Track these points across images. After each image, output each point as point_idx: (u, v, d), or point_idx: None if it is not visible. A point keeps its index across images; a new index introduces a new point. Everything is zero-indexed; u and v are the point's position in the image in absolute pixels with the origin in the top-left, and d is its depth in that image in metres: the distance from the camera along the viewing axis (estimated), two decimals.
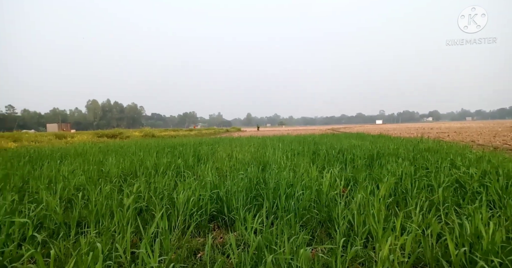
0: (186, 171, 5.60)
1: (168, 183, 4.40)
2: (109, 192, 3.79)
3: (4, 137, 15.02)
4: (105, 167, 5.73)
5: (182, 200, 3.28)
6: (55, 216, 3.10)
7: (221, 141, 14.74)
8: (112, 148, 10.15)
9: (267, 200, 3.48)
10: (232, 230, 3.18)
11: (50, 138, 16.40)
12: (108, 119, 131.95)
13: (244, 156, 7.40)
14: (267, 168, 5.57)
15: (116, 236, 2.54)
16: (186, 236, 2.72)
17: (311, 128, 59.32)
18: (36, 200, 3.62)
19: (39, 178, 4.62)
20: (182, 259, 2.43)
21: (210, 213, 3.37)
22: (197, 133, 32.73)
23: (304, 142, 11.87)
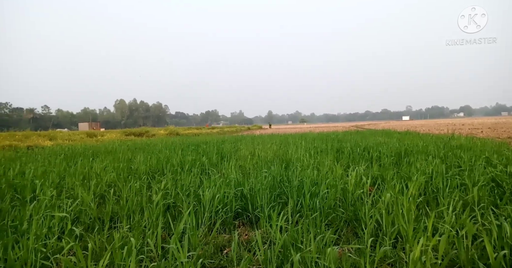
0: (210, 168, 5.70)
1: (194, 180, 4.50)
2: (139, 188, 3.94)
3: (41, 136, 16.06)
4: (134, 165, 5.96)
5: (208, 197, 3.35)
6: (90, 211, 3.28)
7: (243, 138, 14.84)
8: (140, 146, 10.53)
9: (291, 198, 3.47)
10: (257, 228, 3.21)
11: (82, 136, 17.33)
12: (135, 118, 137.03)
13: (267, 154, 7.41)
14: (290, 166, 5.55)
15: (146, 231, 2.65)
16: (213, 233, 2.78)
17: (333, 126, 58.20)
18: (72, 196, 3.85)
19: (74, 174, 4.89)
20: (209, 255, 2.49)
21: (235, 210, 3.41)
22: (219, 131, 33.15)
23: (327, 139, 11.68)
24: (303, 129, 36.10)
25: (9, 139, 14.24)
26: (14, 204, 3.50)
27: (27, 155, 7.97)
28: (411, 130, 18.87)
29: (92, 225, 3.09)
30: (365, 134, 14.73)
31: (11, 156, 7.96)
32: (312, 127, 43.82)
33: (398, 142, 8.62)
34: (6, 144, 11.03)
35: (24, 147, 10.52)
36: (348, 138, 11.95)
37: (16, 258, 2.04)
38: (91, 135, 18.74)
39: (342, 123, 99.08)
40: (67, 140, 15.17)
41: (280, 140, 12.08)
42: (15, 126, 79.61)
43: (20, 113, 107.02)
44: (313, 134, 17.16)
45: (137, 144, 11.77)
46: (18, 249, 2.13)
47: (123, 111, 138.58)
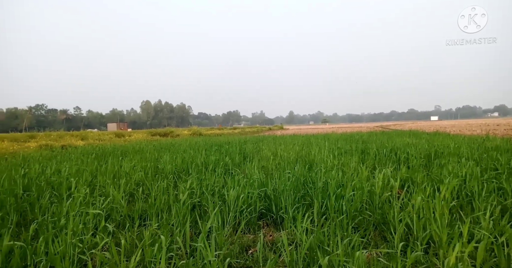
0: (233, 168, 5.76)
1: (218, 180, 4.57)
2: (166, 187, 4.06)
3: (73, 136, 16.99)
4: (161, 164, 6.14)
5: (232, 197, 3.39)
6: (121, 209, 3.42)
7: (265, 139, 14.85)
8: (165, 146, 10.84)
9: (316, 200, 3.44)
10: (281, 229, 3.21)
11: (111, 136, 18.12)
12: (160, 118, 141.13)
13: (289, 154, 7.37)
14: (314, 167, 5.49)
15: (174, 229, 2.72)
16: (238, 233, 2.80)
17: (357, 126, 56.80)
18: (104, 194, 4.03)
19: (105, 173, 5.12)
20: (234, 254, 2.52)
21: (259, 211, 3.42)
22: (240, 131, 33.39)
23: (351, 140, 11.43)
24: (325, 129, 35.54)
25: (45, 138, 15.17)
26: (52, 200, 3.73)
27: (61, 154, 8.44)
28: (440, 131, 18.03)
29: (123, 222, 3.23)
30: (391, 135, 14.25)
31: (48, 154, 8.47)
32: (334, 128, 43.01)
33: (427, 143, 8.27)
34: (43, 143, 11.76)
35: (59, 146, 11.17)
36: (373, 138, 11.62)
37: (56, 252, 2.17)
38: (119, 135, 19.54)
39: (366, 124, 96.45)
40: (97, 139, 15.93)
41: (302, 141, 11.97)
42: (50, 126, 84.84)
43: (54, 114, 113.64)
44: (336, 134, 16.85)
45: (163, 144, 12.12)
46: (58, 243, 2.26)
47: (148, 112, 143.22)
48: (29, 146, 11.27)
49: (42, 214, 3.32)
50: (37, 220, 3.09)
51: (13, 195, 3.73)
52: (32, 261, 2.22)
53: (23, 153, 9.13)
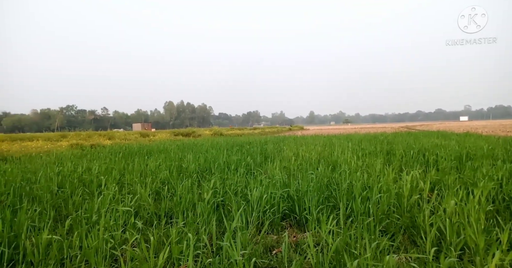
0: (256, 168, 5.77)
1: (240, 179, 4.60)
2: (190, 186, 4.14)
3: (101, 135, 17.75)
4: (184, 163, 6.27)
5: (255, 197, 3.40)
6: (148, 207, 3.53)
7: (286, 139, 14.77)
8: (188, 146, 11.06)
9: (340, 202, 3.37)
10: (305, 230, 3.18)
11: (136, 136, 18.77)
12: (182, 119, 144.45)
13: (311, 155, 7.28)
14: (337, 168, 5.39)
15: (200, 227, 2.77)
16: (262, 233, 2.81)
17: (381, 126, 55.15)
18: (132, 191, 4.18)
19: (132, 172, 5.31)
20: (259, 254, 2.52)
21: (282, 211, 3.41)
22: (260, 131, 33.42)
23: (375, 141, 11.12)
24: (347, 130, 34.81)
25: (76, 138, 15.95)
26: (84, 197, 3.91)
27: (91, 153, 8.84)
28: (471, 132, 17.12)
29: (150, 219, 3.32)
30: (417, 135, 13.72)
31: (78, 153, 8.90)
32: (357, 128, 42.04)
33: (457, 145, 7.88)
34: (73, 143, 12.38)
35: (88, 145, 11.71)
36: (399, 139, 11.24)
37: (91, 247, 2.28)
38: (144, 134, 20.18)
39: (390, 124, 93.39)
40: (123, 139, 16.55)
41: (324, 141, 11.79)
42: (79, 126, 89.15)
43: (83, 115, 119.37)
44: (359, 135, 16.47)
45: (186, 143, 12.38)
46: (91, 239, 2.36)
47: (171, 113, 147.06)
48: (61, 145, 11.90)
49: (75, 210, 3.49)
50: (71, 215, 3.25)
51: (49, 191, 3.96)
52: (68, 254, 2.33)
53: (56, 151, 9.66)
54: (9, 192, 3.83)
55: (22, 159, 7.53)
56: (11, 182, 4.27)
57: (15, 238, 2.51)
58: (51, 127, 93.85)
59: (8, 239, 2.41)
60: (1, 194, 3.81)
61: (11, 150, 9.41)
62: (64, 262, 2.29)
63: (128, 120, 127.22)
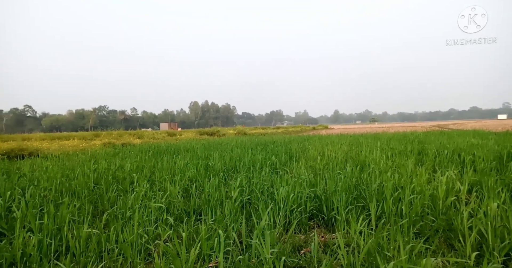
0: (282, 167, 5.76)
1: (266, 178, 4.61)
2: (218, 184, 4.21)
3: (131, 134, 18.54)
4: (211, 162, 6.39)
5: (282, 196, 3.39)
6: (177, 203, 3.64)
7: (310, 138, 14.59)
8: (213, 145, 11.25)
9: (370, 203, 3.28)
10: (333, 230, 3.13)
11: (164, 135, 19.40)
12: (206, 118, 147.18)
13: (337, 155, 7.14)
14: (365, 168, 5.25)
15: (228, 225, 2.81)
16: (290, 232, 2.80)
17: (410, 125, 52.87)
18: (162, 189, 4.32)
19: (161, 169, 5.49)
20: (287, 253, 2.52)
21: (309, 211, 3.38)
22: (284, 131, 33.25)
23: (405, 140, 10.69)
24: (374, 129, 33.71)
25: (108, 137, 16.76)
26: (118, 193, 4.10)
27: (123, 151, 9.25)
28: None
29: (180, 216, 3.42)
30: (451, 135, 13.01)
31: (111, 152, 9.35)
32: (385, 127, 40.59)
33: (496, 144, 7.38)
34: (106, 141, 13.03)
35: (120, 144, 12.28)
36: (431, 138, 10.73)
37: (128, 242, 2.39)
38: (171, 134, 20.82)
39: (421, 123, 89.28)
40: (152, 138, 17.16)
41: (350, 140, 11.52)
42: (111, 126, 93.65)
43: (114, 115, 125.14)
44: (387, 134, 15.91)
45: (211, 142, 12.60)
46: (126, 233, 2.48)
47: (196, 113, 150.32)
48: (95, 143, 12.56)
49: (110, 205, 3.67)
50: (107, 210, 3.43)
51: (87, 188, 4.19)
52: (106, 247, 2.46)
53: (90, 150, 10.21)
54: (51, 188, 4.11)
55: (60, 157, 8.03)
56: (52, 178, 4.57)
57: (58, 230, 2.69)
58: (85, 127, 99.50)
59: (52, 231, 2.58)
60: (45, 189, 4.10)
61: (50, 148, 10.08)
62: (103, 255, 2.41)
63: (155, 120, 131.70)
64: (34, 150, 8.92)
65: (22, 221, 2.76)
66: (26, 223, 2.84)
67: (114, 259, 2.33)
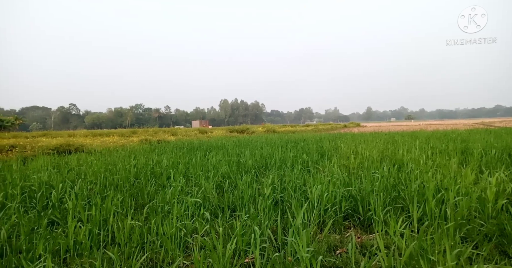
0: (314, 165, 5.68)
1: (297, 176, 4.57)
2: (250, 181, 4.26)
3: (165, 132, 19.32)
4: (242, 159, 6.46)
5: (316, 194, 3.34)
6: (212, 199, 3.73)
7: (342, 136, 14.22)
8: (243, 142, 11.37)
9: (410, 204, 3.13)
10: (370, 231, 3.03)
11: (196, 132, 19.99)
12: (236, 116, 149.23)
13: (371, 153, 6.89)
14: (403, 167, 5.01)
15: (262, 222, 2.83)
16: (325, 231, 2.76)
17: (450, 123, 49.59)
18: (197, 184, 4.46)
19: (195, 166, 5.65)
20: (322, 253, 2.49)
21: (344, 211, 3.30)
22: (313, 128, 32.74)
23: (445, 138, 10.05)
24: (410, 127, 31.99)
25: (144, 134, 17.60)
26: (156, 188, 4.30)
27: (158, 148, 9.67)
28: None
29: (215, 211, 3.51)
30: (498, 133, 12.01)
31: (148, 148, 9.81)
32: (422, 125, 38.44)
33: None
34: (143, 138, 13.69)
35: (155, 141, 12.84)
36: (475, 137, 9.97)
37: (167, 234, 2.50)
38: (203, 131, 21.38)
39: (462, 120, 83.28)
40: (184, 135, 17.75)
41: (385, 139, 11.05)
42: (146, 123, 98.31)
43: (149, 113, 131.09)
44: (425, 132, 15.05)
45: (241, 140, 12.74)
46: (166, 226, 2.59)
47: (226, 110, 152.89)
48: (133, 140, 13.25)
49: (149, 199, 3.86)
50: (146, 204, 3.61)
51: (128, 182, 4.44)
52: (148, 239, 2.59)
53: (129, 146, 10.79)
54: (96, 182, 4.41)
55: (102, 152, 8.57)
56: (97, 172, 4.90)
57: (104, 221, 2.88)
58: (123, 124, 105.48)
59: (100, 222, 2.77)
60: (90, 182, 4.40)
61: (93, 144, 10.80)
62: (145, 246, 2.54)
63: (187, 117, 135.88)
64: (80, 146, 9.61)
65: (73, 211, 2.99)
66: (76, 214, 3.07)
67: (156, 250, 2.45)
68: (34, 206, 3.52)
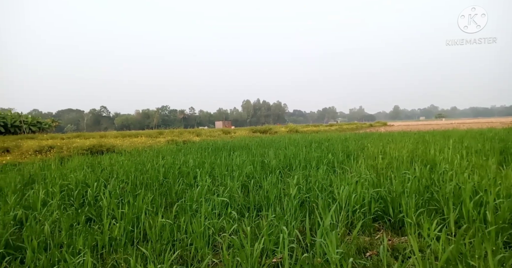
0: (339, 166, 5.57)
1: (323, 177, 4.50)
2: (276, 181, 4.25)
3: (190, 132, 19.79)
4: (266, 159, 6.47)
5: (343, 195, 3.28)
6: (238, 198, 3.77)
7: (368, 136, 13.82)
8: (267, 142, 11.38)
9: (445, 206, 2.99)
10: (401, 234, 2.92)
11: (219, 133, 20.29)
12: (258, 116, 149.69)
13: (401, 153, 6.64)
14: (436, 168, 4.78)
15: (289, 222, 2.82)
16: (354, 233, 2.69)
17: (486, 121, 46.63)
18: (222, 184, 4.52)
19: (220, 165, 5.73)
20: (352, 254, 2.43)
21: (374, 212, 3.21)
22: (337, 128, 32.07)
23: (481, 137, 9.47)
24: (441, 125, 30.43)
25: (170, 134, 18.12)
26: (184, 187, 4.41)
27: (184, 148, 9.91)
28: None
29: (241, 210, 3.54)
30: None
31: (174, 148, 10.09)
32: (454, 124, 36.49)
33: None
34: (169, 139, 14.10)
35: (181, 141, 13.18)
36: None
37: (197, 232, 2.55)
38: (226, 132, 21.65)
39: (499, 119, 78.04)
40: (209, 136, 18.07)
41: (415, 138, 10.61)
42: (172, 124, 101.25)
43: (174, 114, 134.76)
44: (458, 131, 14.28)
45: (264, 140, 12.76)
46: (195, 224, 2.65)
47: (248, 111, 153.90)
48: (160, 140, 13.68)
49: (178, 198, 3.97)
50: (175, 202, 3.71)
51: (157, 181, 4.59)
52: (177, 237, 2.67)
53: (156, 146, 11.15)
54: (127, 181, 4.60)
55: (132, 153, 8.93)
56: (128, 172, 5.11)
57: (136, 219, 2.99)
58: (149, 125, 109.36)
59: (132, 220, 2.89)
60: (122, 181, 4.60)
61: (123, 145, 11.28)
62: (175, 243, 2.62)
63: (211, 118, 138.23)
64: (111, 146, 10.07)
65: (107, 209, 3.14)
66: (110, 211, 3.22)
67: (187, 248, 2.52)
68: (72, 203, 3.73)
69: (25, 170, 5.77)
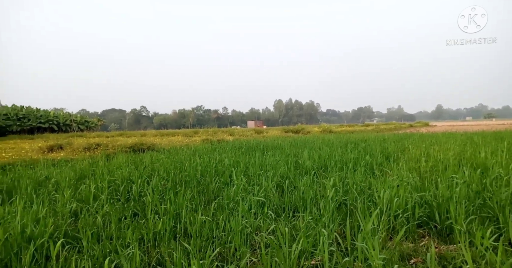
0: (378, 168, 5.35)
1: (361, 179, 4.35)
2: (312, 183, 4.19)
3: (224, 132, 20.22)
4: (300, 159, 6.41)
5: (385, 199, 3.15)
6: (273, 198, 3.77)
7: (408, 136, 13.10)
8: (300, 142, 11.26)
9: (500, 214, 2.74)
10: (449, 241, 2.74)
11: (252, 132, 20.49)
12: (290, 116, 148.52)
13: (446, 156, 6.21)
14: (488, 172, 4.40)
15: (327, 225, 2.77)
16: (397, 239, 2.57)
17: None
18: (257, 183, 4.55)
19: (254, 165, 5.78)
20: (395, 261, 2.33)
21: (418, 218, 3.04)
22: (374, 128, 30.79)
23: None
24: (491, 126, 27.86)
25: (205, 134, 18.66)
26: (220, 186, 4.51)
27: (219, 147, 10.14)
28: None
29: (276, 210, 3.54)
30: None
31: (209, 147, 10.36)
32: (506, 124, 33.29)
33: None
34: (204, 138, 14.53)
35: (215, 140, 13.51)
36: None
37: (235, 231, 2.61)
38: (258, 131, 21.79)
39: None
40: (241, 135, 18.32)
41: (462, 139, 9.86)
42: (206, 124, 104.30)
43: (208, 114, 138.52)
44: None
45: (297, 140, 12.64)
46: (233, 223, 2.70)
47: (280, 111, 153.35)
48: (195, 139, 14.16)
49: (215, 196, 4.07)
50: (212, 200, 3.82)
51: (195, 179, 4.75)
52: (216, 234, 2.74)
53: (192, 145, 11.54)
54: (167, 178, 4.81)
55: (170, 151, 9.32)
56: (168, 170, 5.35)
57: (177, 215, 3.13)
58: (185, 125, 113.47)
59: (174, 216, 3.02)
60: (163, 178, 4.82)
61: (162, 143, 11.83)
62: (214, 240, 2.70)
63: (243, 118, 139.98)
64: (151, 145, 10.61)
65: (151, 205, 3.32)
66: (153, 207, 3.39)
67: (225, 246, 2.58)
68: (118, 198, 3.99)
69: (77, 166, 6.28)
